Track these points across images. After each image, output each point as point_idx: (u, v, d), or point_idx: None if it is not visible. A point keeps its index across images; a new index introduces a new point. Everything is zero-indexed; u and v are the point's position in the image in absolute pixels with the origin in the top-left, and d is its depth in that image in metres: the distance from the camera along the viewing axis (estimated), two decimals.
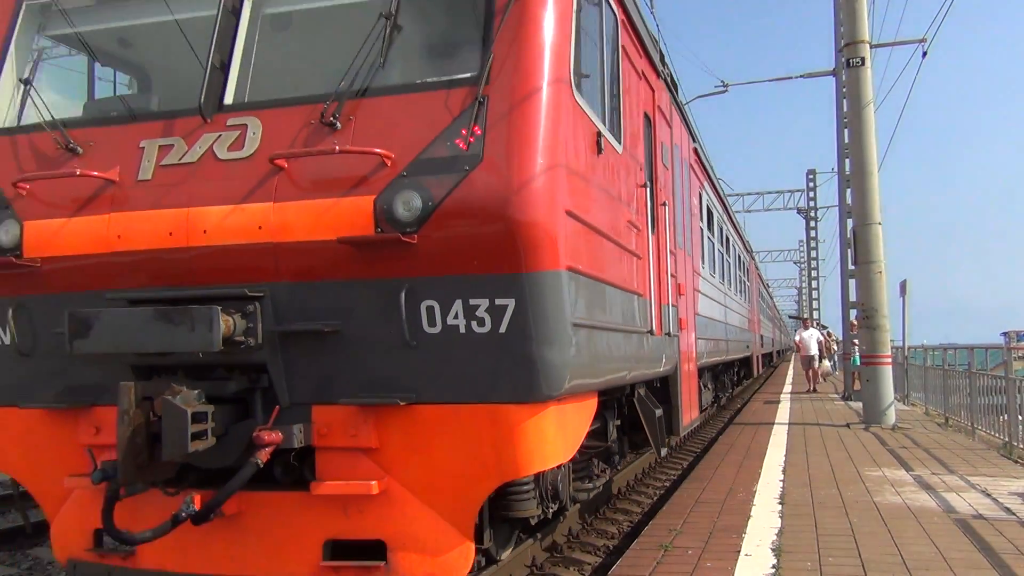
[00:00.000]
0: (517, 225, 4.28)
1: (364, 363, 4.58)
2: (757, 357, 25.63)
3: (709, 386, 13.83)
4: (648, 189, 7.23)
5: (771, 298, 51.25)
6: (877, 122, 14.20)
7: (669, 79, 9.26)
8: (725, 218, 16.57)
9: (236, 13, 5.01)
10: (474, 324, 4.42)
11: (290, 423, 4.55)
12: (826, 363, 25.75)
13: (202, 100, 4.79)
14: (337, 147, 4.47)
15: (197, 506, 4.50)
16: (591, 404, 5.48)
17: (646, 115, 7.58)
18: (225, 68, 4.92)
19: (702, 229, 11.91)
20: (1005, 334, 44.96)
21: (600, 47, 6.00)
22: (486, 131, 4.38)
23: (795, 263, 65.27)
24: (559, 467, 5.56)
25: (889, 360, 13.77)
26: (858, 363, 17.46)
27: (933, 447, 10.98)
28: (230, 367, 4.73)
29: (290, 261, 4.54)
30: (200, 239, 4.60)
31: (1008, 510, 6.87)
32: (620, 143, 6.24)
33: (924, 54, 16.23)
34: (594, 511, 8.39)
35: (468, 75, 4.56)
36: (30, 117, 5.31)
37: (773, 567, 5.25)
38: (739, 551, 5.66)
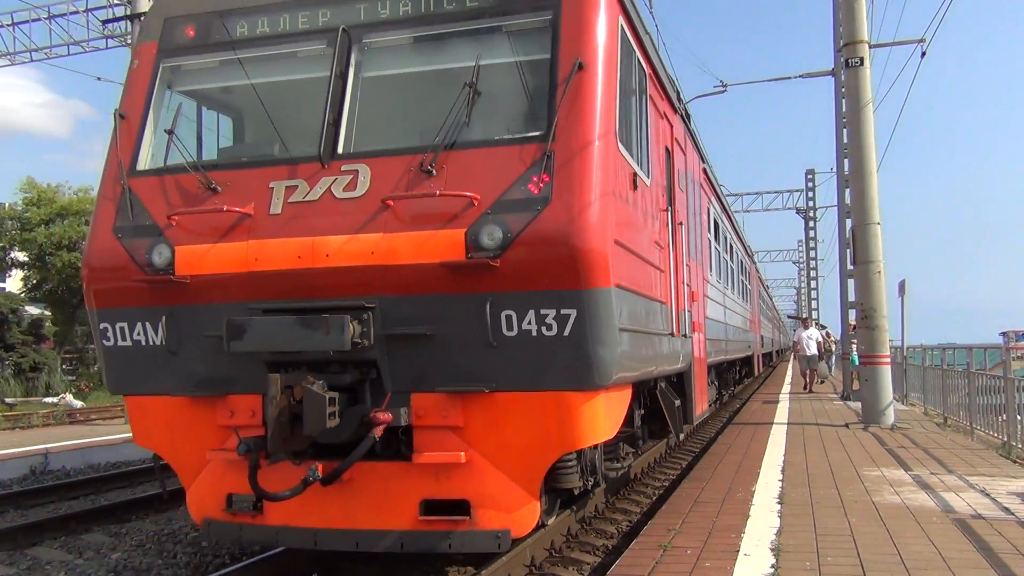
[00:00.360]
0: (579, 252, 5.30)
1: (453, 359, 5.57)
2: (758, 356, 26.85)
3: (715, 382, 14.76)
4: (668, 212, 8.31)
5: (771, 299, 51.41)
6: (876, 122, 14.20)
7: (684, 113, 10.36)
8: (728, 226, 17.57)
9: (343, 77, 6.04)
10: (543, 328, 5.41)
11: (395, 407, 5.60)
12: (823, 365, 24.99)
13: (321, 150, 5.83)
14: (438, 192, 5.48)
15: (320, 472, 5.51)
16: (628, 393, 6.53)
17: (666, 148, 8.66)
18: (337, 123, 5.93)
19: (710, 240, 12.96)
20: (1004, 334, 44.96)
21: (634, 100, 7.06)
22: (552, 178, 5.41)
23: (794, 263, 65.19)
24: (596, 447, 6.61)
25: (888, 360, 13.75)
26: (856, 363, 17.46)
27: (932, 447, 10.98)
28: (343, 363, 5.65)
29: (396, 279, 5.52)
30: (323, 262, 5.57)
31: (1007, 510, 6.87)
32: (649, 177, 7.25)
33: (923, 54, 16.19)
34: (614, 492, 9.04)
35: (537, 133, 5.61)
36: (172, 159, 6.36)
37: (772, 567, 5.25)
38: (738, 551, 5.66)
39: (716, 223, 14.38)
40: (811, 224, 44.69)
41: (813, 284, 48.68)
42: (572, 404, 5.51)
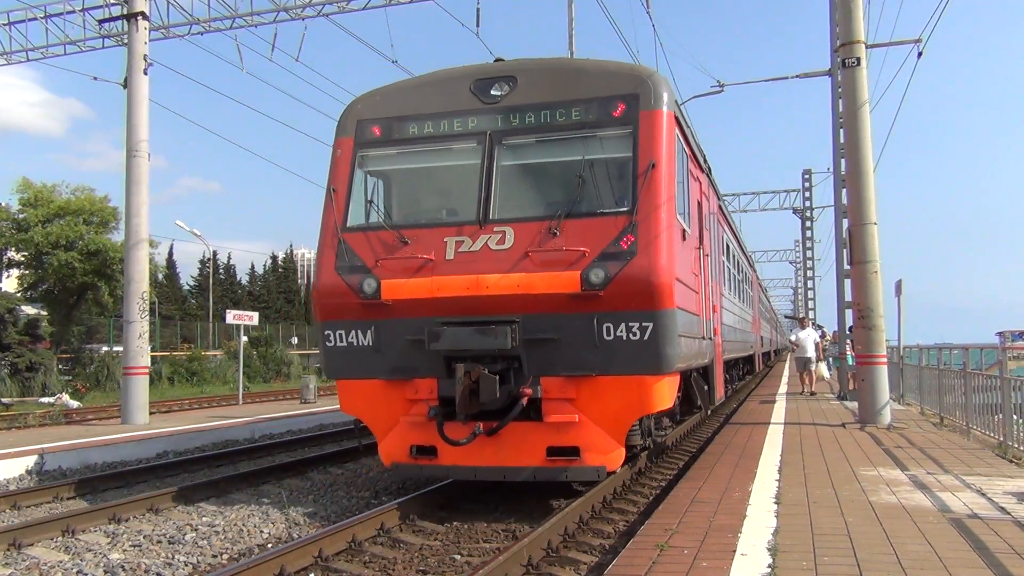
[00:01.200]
0: (654, 288, 7.94)
1: (570, 354, 8.19)
2: (758, 355, 29.70)
3: (727, 376, 17.49)
4: (699, 249, 10.83)
5: (769, 302, 51.82)
6: (873, 122, 14.21)
7: (708, 169, 12.95)
8: (736, 246, 20.22)
9: (490, 166, 8.76)
10: (630, 335, 8.03)
11: (533, 386, 8.23)
12: (823, 367, 23.24)
13: (479, 216, 8.58)
14: (563, 247, 8.16)
15: (482, 428, 8.28)
16: (677, 378, 9.06)
17: (698, 201, 11.23)
18: (488, 198, 8.63)
19: (724, 261, 15.67)
20: (1000, 334, 45.13)
21: (682, 177, 9.58)
22: (636, 239, 8.03)
23: (791, 263, 65.25)
24: (650, 417, 9.19)
25: (884, 360, 13.77)
26: (850, 363, 17.45)
27: (928, 447, 11.00)
28: (496, 357, 8.29)
29: (533, 303, 8.13)
30: (485, 291, 8.22)
31: (1003, 509, 6.89)
32: (689, 227, 9.87)
33: (919, 54, 16.23)
34: (657, 455, 12.21)
35: (625, 209, 8.28)
36: (370, 219, 9.17)
37: (769, 567, 5.26)
38: (735, 550, 5.67)
39: (728, 246, 17.18)
40: (808, 224, 44.74)
41: (810, 284, 48.72)
42: (647, 384, 8.22)
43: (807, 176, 43.70)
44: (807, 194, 43.94)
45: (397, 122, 9.29)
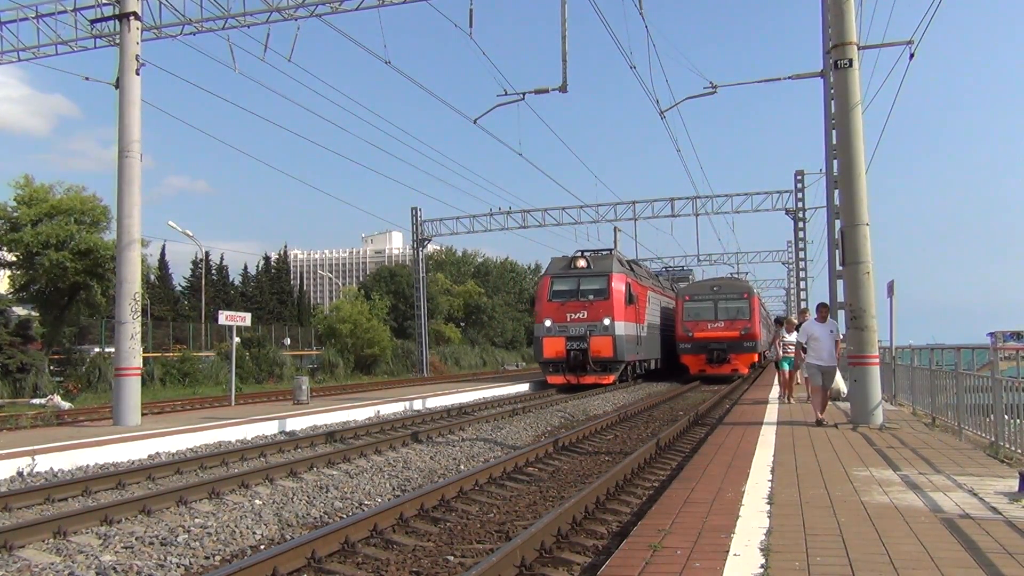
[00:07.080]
0: (754, 336, 40.23)
1: (737, 349, 39.42)
2: (765, 351, 51.87)
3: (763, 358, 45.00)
4: (760, 322, 41.64)
5: (769, 317, 56.56)
6: (865, 123, 14.26)
7: (758, 294, 45.55)
8: (766, 313, 49.34)
9: (716, 307, 40.36)
10: (748, 344, 39.58)
11: (729, 356, 39.79)
12: (839, 379, 16.67)
13: (715, 318, 40.95)
14: (736, 327, 39.54)
15: (714, 364, 39.64)
16: (758, 354, 42.88)
17: (761, 312, 43.96)
18: (716, 314, 40.61)
19: (760, 320, 41.83)
20: (991, 334, 45.34)
21: (760, 309, 45.04)
22: (751, 325, 39.31)
23: (783, 264, 65.47)
24: (754, 363, 42.33)
25: (877, 360, 13.82)
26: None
27: (920, 447, 11.04)
28: (720, 350, 39.40)
29: (729, 338, 39.22)
30: (719, 335, 39.20)
31: (994, 509, 6.91)
32: (761, 319, 43.37)
33: (911, 56, 16.33)
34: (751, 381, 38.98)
35: (748, 319, 39.28)
36: (689, 316, 41.79)
37: (762, 567, 5.27)
38: (728, 551, 5.68)
39: (761, 314, 42.89)
40: (800, 225, 44.90)
41: (802, 285, 48.85)
42: (755, 355, 39.97)
43: (799, 177, 43.89)
44: (799, 195, 44.14)
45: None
